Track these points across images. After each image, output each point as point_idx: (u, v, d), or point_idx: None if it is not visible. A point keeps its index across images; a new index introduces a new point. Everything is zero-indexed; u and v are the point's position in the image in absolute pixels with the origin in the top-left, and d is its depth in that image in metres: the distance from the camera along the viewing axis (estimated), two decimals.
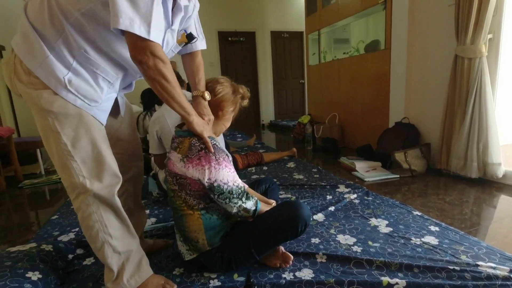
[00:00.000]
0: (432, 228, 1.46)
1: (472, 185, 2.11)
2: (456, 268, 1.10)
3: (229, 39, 6.01)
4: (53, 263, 1.21)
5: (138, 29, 0.80)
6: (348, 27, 3.99)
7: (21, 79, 0.89)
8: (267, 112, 6.53)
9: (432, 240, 1.34)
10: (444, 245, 1.29)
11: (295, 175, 2.50)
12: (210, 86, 1.15)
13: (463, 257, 1.19)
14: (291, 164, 2.85)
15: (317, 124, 3.89)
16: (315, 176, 2.44)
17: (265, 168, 2.80)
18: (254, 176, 2.52)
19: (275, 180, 2.12)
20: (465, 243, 1.30)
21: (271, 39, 6.33)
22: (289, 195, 2.02)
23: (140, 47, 0.84)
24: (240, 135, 4.81)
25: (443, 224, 1.50)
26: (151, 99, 2.75)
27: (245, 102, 1.24)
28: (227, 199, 1.03)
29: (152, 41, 0.84)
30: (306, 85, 6.37)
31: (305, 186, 2.18)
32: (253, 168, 2.81)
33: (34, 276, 1.07)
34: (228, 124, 1.23)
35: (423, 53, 2.57)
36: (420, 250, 1.27)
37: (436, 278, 1.07)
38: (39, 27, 0.87)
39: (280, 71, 6.56)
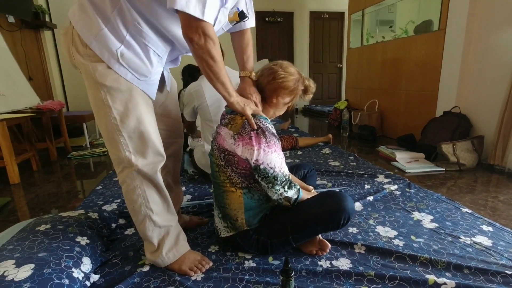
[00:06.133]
0: (485, 228, 1.34)
1: None
2: None
3: (266, 19, 5.85)
4: (98, 230, 1.29)
5: (193, 10, 0.80)
6: (394, 7, 3.68)
7: (79, 51, 0.92)
8: None
9: (484, 240, 1.23)
10: (499, 247, 1.18)
11: (330, 161, 2.42)
12: (273, 68, 1.10)
13: None
14: (326, 150, 2.77)
15: (355, 111, 3.72)
16: (352, 164, 2.34)
17: (299, 152, 2.74)
18: (288, 160, 2.48)
19: None
20: None
21: (310, 20, 6.06)
22: (325, 182, 1.96)
23: (193, 26, 0.84)
24: (273, 118, 4.75)
25: (497, 224, 1.37)
26: (191, 76, 2.78)
27: (308, 97, 1.17)
28: (270, 184, 1.01)
29: (205, 21, 0.83)
30: (344, 69, 6.10)
31: (342, 174, 2.10)
32: (287, 152, 2.76)
33: (83, 241, 1.14)
34: (280, 113, 1.18)
35: (484, 34, 2.29)
36: (471, 250, 1.17)
37: (490, 282, 0.98)
38: None
39: (317, 54, 6.30)
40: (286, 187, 1.03)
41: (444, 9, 2.60)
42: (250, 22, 1.14)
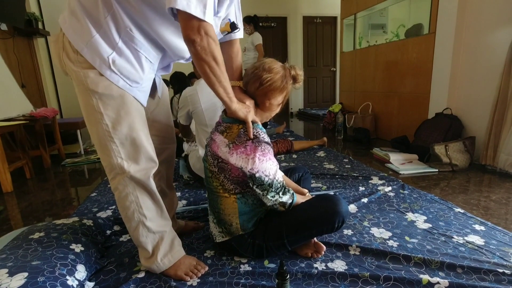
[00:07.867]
0: (477, 227, 1.36)
1: None
2: (507, 271, 1.01)
3: (260, 24, 5.88)
4: (93, 237, 1.28)
5: (194, 9, 0.80)
6: (386, 11, 3.75)
7: (70, 57, 0.91)
8: (296, 100, 6.41)
9: (477, 239, 1.25)
10: (491, 246, 1.20)
11: (325, 164, 2.43)
12: (257, 73, 1.07)
13: None
14: (321, 153, 2.79)
15: (349, 114, 3.75)
16: (347, 166, 2.36)
17: (294, 156, 2.75)
18: (284, 164, 2.49)
19: None
20: None
21: (303, 25, 6.13)
22: (320, 185, 1.97)
23: (195, 27, 0.82)
24: (268, 122, 4.77)
25: (489, 223, 1.39)
26: (183, 83, 2.80)
27: (298, 86, 1.13)
28: (265, 191, 1.02)
29: (206, 21, 0.83)
30: (337, 73, 6.17)
31: (336, 176, 2.12)
32: (282, 156, 2.77)
33: (77, 248, 1.14)
34: (273, 114, 1.17)
35: (474, 37, 2.34)
36: (464, 249, 1.18)
37: (482, 280, 0.99)
38: (87, 4, 0.88)
39: (311, 58, 6.36)
40: (281, 193, 1.04)
41: (433, 13, 2.65)
42: (239, 33, 1.14)
